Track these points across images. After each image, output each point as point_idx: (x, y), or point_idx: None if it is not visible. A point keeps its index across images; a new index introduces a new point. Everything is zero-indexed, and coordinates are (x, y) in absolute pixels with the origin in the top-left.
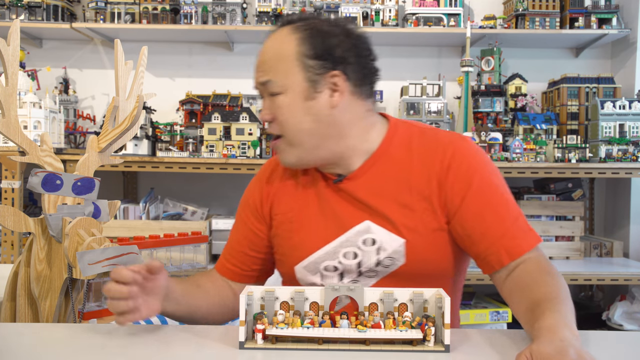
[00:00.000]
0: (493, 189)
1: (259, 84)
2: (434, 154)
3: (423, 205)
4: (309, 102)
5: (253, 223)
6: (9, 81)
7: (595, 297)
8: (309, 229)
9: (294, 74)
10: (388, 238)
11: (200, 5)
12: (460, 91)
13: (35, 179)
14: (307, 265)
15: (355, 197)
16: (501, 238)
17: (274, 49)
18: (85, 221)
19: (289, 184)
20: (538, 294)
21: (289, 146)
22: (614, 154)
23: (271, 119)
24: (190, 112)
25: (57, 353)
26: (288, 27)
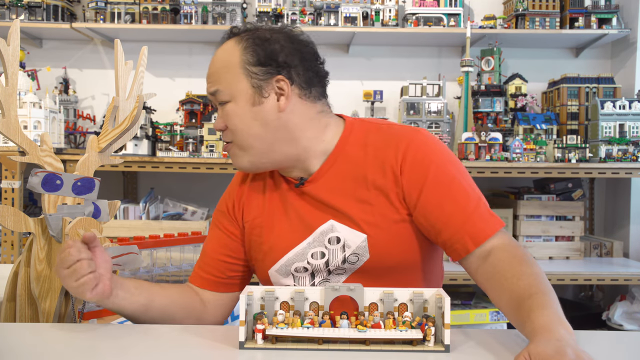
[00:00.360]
0: (450, 177)
1: (209, 95)
2: (387, 147)
3: (381, 199)
4: (256, 107)
5: (227, 228)
6: (9, 81)
7: (595, 297)
8: (277, 233)
9: (239, 82)
10: (351, 235)
11: (200, 5)
12: (460, 91)
13: (35, 179)
14: (279, 268)
15: (317, 199)
16: (463, 225)
17: (220, 60)
18: (85, 221)
19: (257, 189)
20: (519, 288)
21: (240, 150)
22: (614, 154)
23: (223, 127)
24: (190, 112)
25: (57, 353)
26: (233, 39)
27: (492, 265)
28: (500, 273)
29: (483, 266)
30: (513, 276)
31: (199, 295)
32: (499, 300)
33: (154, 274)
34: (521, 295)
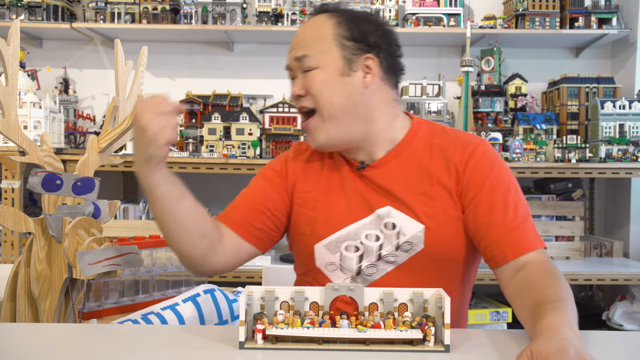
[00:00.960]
0: (506, 187)
1: (293, 60)
2: (454, 148)
3: (442, 194)
4: (344, 78)
5: (277, 184)
6: (9, 81)
7: (595, 297)
8: (333, 208)
9: (330, 52)
10: (408, 223)
11: (200, 5)
12: (460, 91)
13: (35, 179)
14: (328, 243)
15: (377, 184)
16: (507, 234)
17: (311, 30)
18: (85, 221)
19: (314, 166)
20: (541, 296)
21: (321, 123)
22: (614, 154)
23: (304, 93)
24: (190, 112)
25: (57, 353)
26: (324, 14)
27: (524, 277)
28: (529, 284)
29: (515, 278)
30: (540, 287)
31: (220, 228)
32: (521, 309)
33: (154, 274)
34: (540, 301)
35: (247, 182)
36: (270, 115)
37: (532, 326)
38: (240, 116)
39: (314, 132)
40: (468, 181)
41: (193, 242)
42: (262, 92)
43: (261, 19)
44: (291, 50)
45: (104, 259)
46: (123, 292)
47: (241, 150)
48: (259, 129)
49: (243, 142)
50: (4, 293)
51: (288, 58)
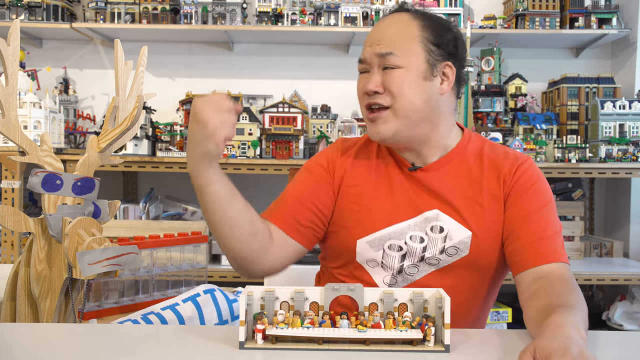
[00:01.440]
0: (546, 201)
1: (375, 55)
2: (504, 161)
3: (492, 204)
4: (426, 82)
5: (325, 180)
6: (9, 81)
7: (595, 297)
8: (380, 205)
9: (416, 53)
10: (456, 228)
11: (200, 5)
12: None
13: (35, 179)
14: (372, 240)
15: (427, 186)
16: (536, 242)
17: (397, 28)
18: (85, 221)
19: (363, 163)
20: (553, 301)
21: (393, 118)
22: (614, 154)
23: (382, 90)
24: (190, 112)
25: (57, 353)
26: (406, 13)
27: (541, 285)
28: (544, 290)
29: (533, 285)
30: (554, 293)
31: (269, 227)
32: (529, 311)
33: (154, 274)
34: (552, 304)
35: (247, 182)
36: (270, 115)
37: (537, 325)
38: (240, 116)
39: (382, 125)
40: (513, 188)
41: (245, 242)
42: (262, 92)
43: (261, 19)
44: (372, 44)
45: (104, 259)
46: (123, 292)
47: (241, 150)
48: (258, 129)
49: (243, 142)
50: (4, 293)
51: (366, 51)
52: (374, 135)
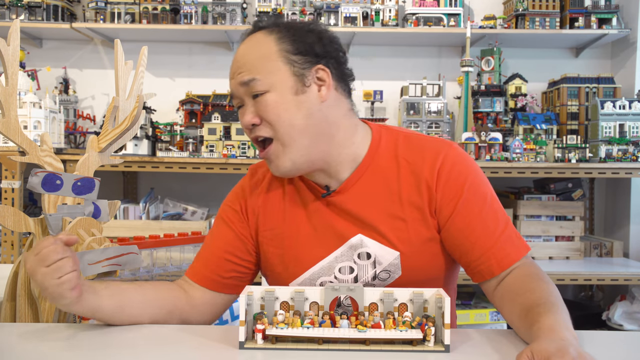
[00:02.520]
0: (482, 198)
1: (239, 86)
2: (422, 161)
3: (414, 215)
4: (300, 96)
5: (238, 228)
6: (9, 81)
7: (595, 297)
8: (302, 244)
9: (279, 70)
10: (382, 251)
11: (200, 5)
12: (460, 91)
13: (35, 179)
14: (303, 282)
15: (345, 211)
16: (491, 248)
17: (254, 51)
18: (85, 221)
19: (276, 198)
20: (531, 299)
21: (282, 149)
22: (614, 154)
23: (257, 122)
24: (190, 112)
25: (57, 353)
26: (261, 30)
27: (507, 284)
28: (513, 291)
29: (501, 286)
30: (526, 291)
31: (187, 293)
32: (511, 315)
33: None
34: (531, 305)
35: None
36: None
37: (527, 329)
38: None
39: (276, 161)
40: (442, 198)
41: (163, 320)
42: None
43: (261, 18)
44: (234, 75)
45: (104, 259)
46: None
47: (241, 150)
48: None
49: (243, 142)
50: (4, 293)
51: (231, 84)
52: (275, 172)
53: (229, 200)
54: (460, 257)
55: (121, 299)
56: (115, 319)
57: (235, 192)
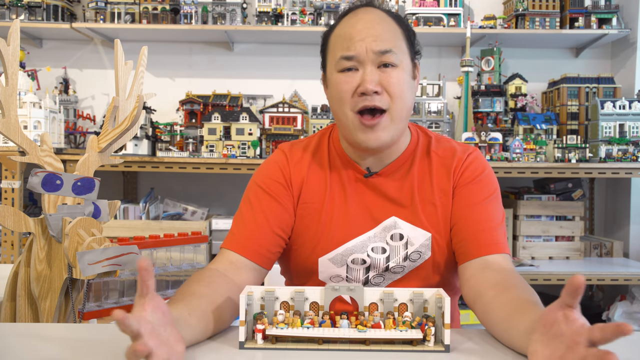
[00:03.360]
0: (491, 192)
1: (373, 51)
2: (452, 156)
3: (443, 201)
4: (413, 81)
5: (285, 201)
6: (9, 81)
7: (595, 297)
8: (337, 221)
9: (406, 52)
10: (415, 232)
11: (200, 5)
12: (460, 91)
13: (35, 179)
14: (334, 257)
15: (383, 192)
16: (480, 233)
17: (386, 24)
18: (85, 221)
19: (318, 175)
20: (527, 297)
21: (391, 123)
22: (614, 154)
23: (381, 90)
24: (190, 112)
25: (57, 353)
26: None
27: (496, 276)
28: (505, 283)
29: (481, 275)
30: (519, 287)
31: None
32: (492, 301)
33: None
34: (528, 300)
35: (247, 182)
36: (270, 115)
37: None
38: (240, 116)
39: (381, 132)
40: (460, 180)
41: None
42: (262, 92)
43: (261, 19)
44: (364, 39)
45: (104, 259)
46: (123, 292)
47: (241, 150)
48: (259, 129)
49: (243, 142)
50: (4, 293)
51: (357, 46)
52: (372, 141)
53: (270, 173)
54: (453, 234)
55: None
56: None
57: (275, 165)
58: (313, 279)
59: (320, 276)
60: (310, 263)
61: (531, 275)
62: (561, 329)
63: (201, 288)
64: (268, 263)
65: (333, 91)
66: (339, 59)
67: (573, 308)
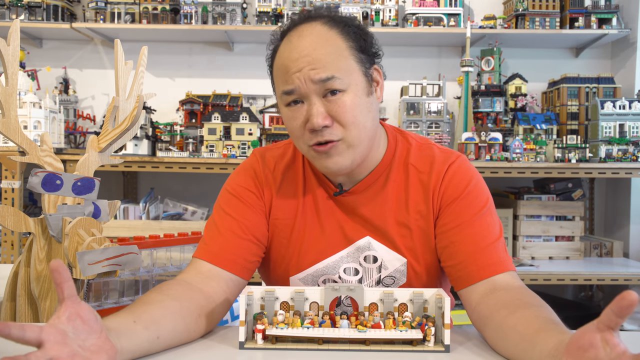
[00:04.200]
0: (479, 206)
1: (313, 81)
2: (430, 171)
3: (419, 224)
4: (369, 97)
5: (258, 208)
6: (9, 81)
7: (595, 297)
8: (309, 240)
9: (354, 69)
10: (390, 256)
11: (200, 5)
12: (460, 91)
13: (35, 179)
14: (305, 277)
15: (355, 212)
16: (474, 254)
17: (325, 46)
18: (85, 221)
19: (290, 190)
20: (545, 313)
21: (346, 149)
22: (614, 154)
23: (330, 123)
24: (190, 112)
25: None
26: (319, 23)
27: (507, 296)
28: (520, 302)
29: (490, 297)
30: (537, 305)
31: (202, 289)
32: (506, 321)
33: (154, 274)
34: (549, 319)
35: None
36: (270, 115)
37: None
38: (240, 116)
39: (337, 157)
40: (442, 200)
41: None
42: (262, 92)
43: (261, 19)
44: (302, 69)
45: (104, 259)
46: (123, 292)
47: (241, 150)
48: (259, 129)
49: (243, 142)
50: (4, 293)
51: (295, 78)
52: (332, 167)
53: (242, 181)
54: (445, 259)
55: (156, 328)
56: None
57: (246, 173)
58: None
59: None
60: (282, 281)
61: (531, 276)
62: (599, 355)
63: (154, 295)
64: (245, 273)
65: (285, 124)
66: (281, 93)
67: (614, 330)
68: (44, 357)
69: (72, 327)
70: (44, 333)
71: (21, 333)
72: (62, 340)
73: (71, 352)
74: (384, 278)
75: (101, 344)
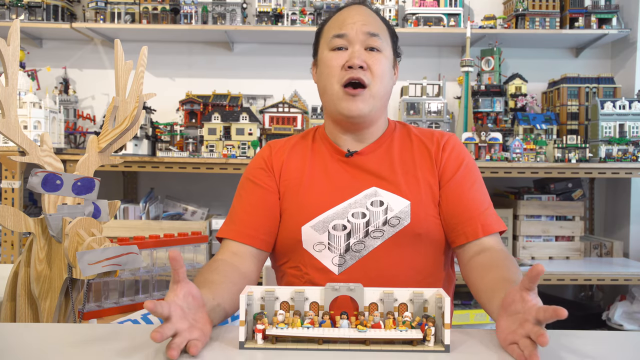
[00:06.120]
0: (476, 175)
1: (365, 33)
2: (430, 139)
3: (426, 178)
4: (392, 71)
5: (267, 183)
6: (9, 81)
7: (595, 297)
8: (318, 190)
9: (389, 45)
10: (395, 200)
11: (200, 5)
12: (460, 91)
13: (35, 179)
14: (316, 224)
15: (364, 169)
16: (479, 215)
17: (373, 17)
18: (85, 221)
19: (298, 156)
20: (507, 274)
21: (369, 97)
22: (614, 154)
23: (366, 66)
24: (190, 112)
25: (57, 353)
26: (367, 8)
27: (488, 257)
28: (494, 262)
29: (478, 257)
30: (505, 267)
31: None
32: (481, 281)
33: (154, 274)
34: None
35: None
36: (270, 115)
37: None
38: (240, 116)
39: (361, 102)
40: (447, 161)
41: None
42: (262, 92)
43: (261, 19)
44: (355, 22)
45: (104, 259)
46: (123, 292)
47: (241, 150)
48: (259, 129)
49: (243, 142)
50: (4, 293)
51: (348, 27)
52: (353, 110)
53: (254, 164)
54: (451, 218)
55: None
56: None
57: (259, 156)
58: (297, 250)
59: (304, 245)
60: (294, 232)
61: None
62: (517, 308)
63: (218, 277)
64: (266, 245)
65: (323, 67)
66: (331, 37)
67: (530, 291)
68: (173, 328)
69: (187, 303)
70: (172, 309)
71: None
72: (182, 314)
73: (189, 325)
74: (390, 219)
75: (205, 317)
